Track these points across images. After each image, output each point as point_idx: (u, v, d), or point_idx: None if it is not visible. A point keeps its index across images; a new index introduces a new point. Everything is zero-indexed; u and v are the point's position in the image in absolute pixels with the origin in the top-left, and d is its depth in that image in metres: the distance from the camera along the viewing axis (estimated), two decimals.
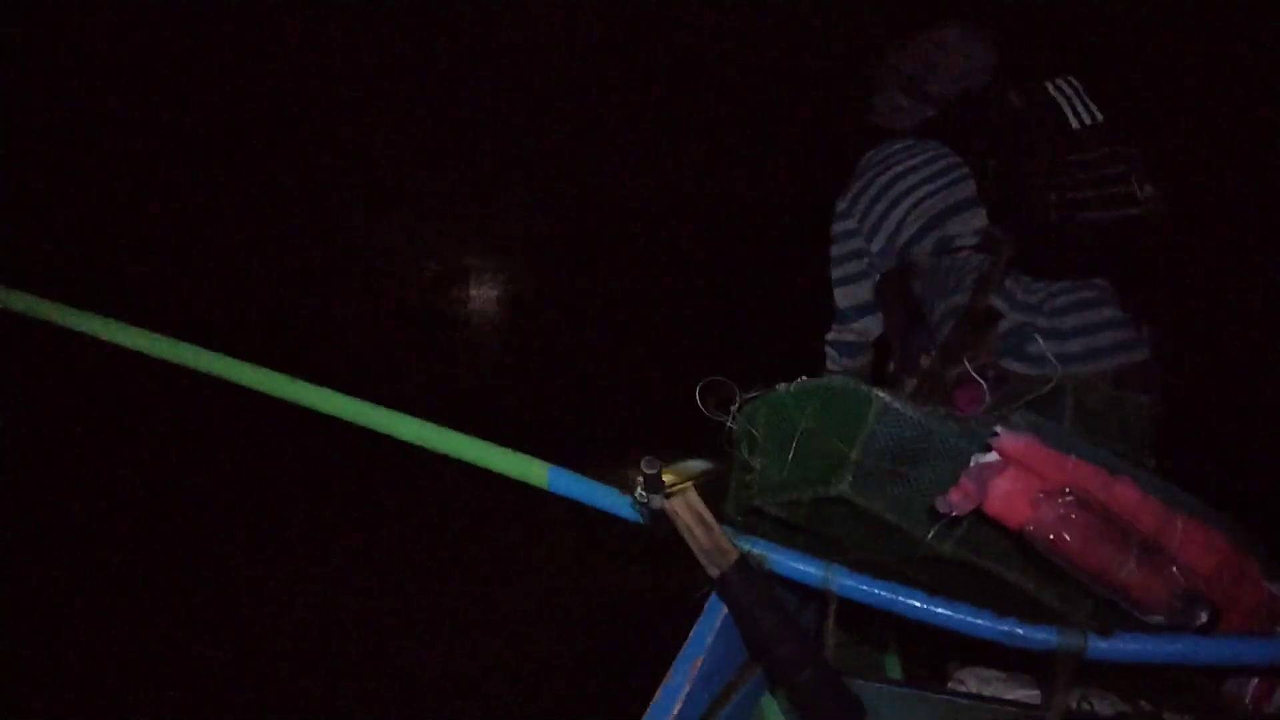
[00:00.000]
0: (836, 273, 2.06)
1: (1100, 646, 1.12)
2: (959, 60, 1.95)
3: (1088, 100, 1.72)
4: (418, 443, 1.39)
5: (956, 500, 1.03)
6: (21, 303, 1.57)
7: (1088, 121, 1.69)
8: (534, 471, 1.34)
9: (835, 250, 2.05)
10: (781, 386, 1.24)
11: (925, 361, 1.68)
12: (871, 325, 2.11)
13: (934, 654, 1.66)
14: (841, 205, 2.02)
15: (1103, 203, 1.62)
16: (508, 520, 3.55)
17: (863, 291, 2.05)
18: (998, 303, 1.69)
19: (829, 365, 2.19)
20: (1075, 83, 1.75)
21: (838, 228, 2.03)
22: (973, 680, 1.38)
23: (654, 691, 1.12)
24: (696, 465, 1.36)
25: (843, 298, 2.07)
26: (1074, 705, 1.25)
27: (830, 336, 2.16)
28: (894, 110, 2.04)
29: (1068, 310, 1.71)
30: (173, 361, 1.48)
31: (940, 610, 1.16)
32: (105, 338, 1.51)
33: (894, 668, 1.72)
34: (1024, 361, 1.67)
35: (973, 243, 1.77)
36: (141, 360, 1.48)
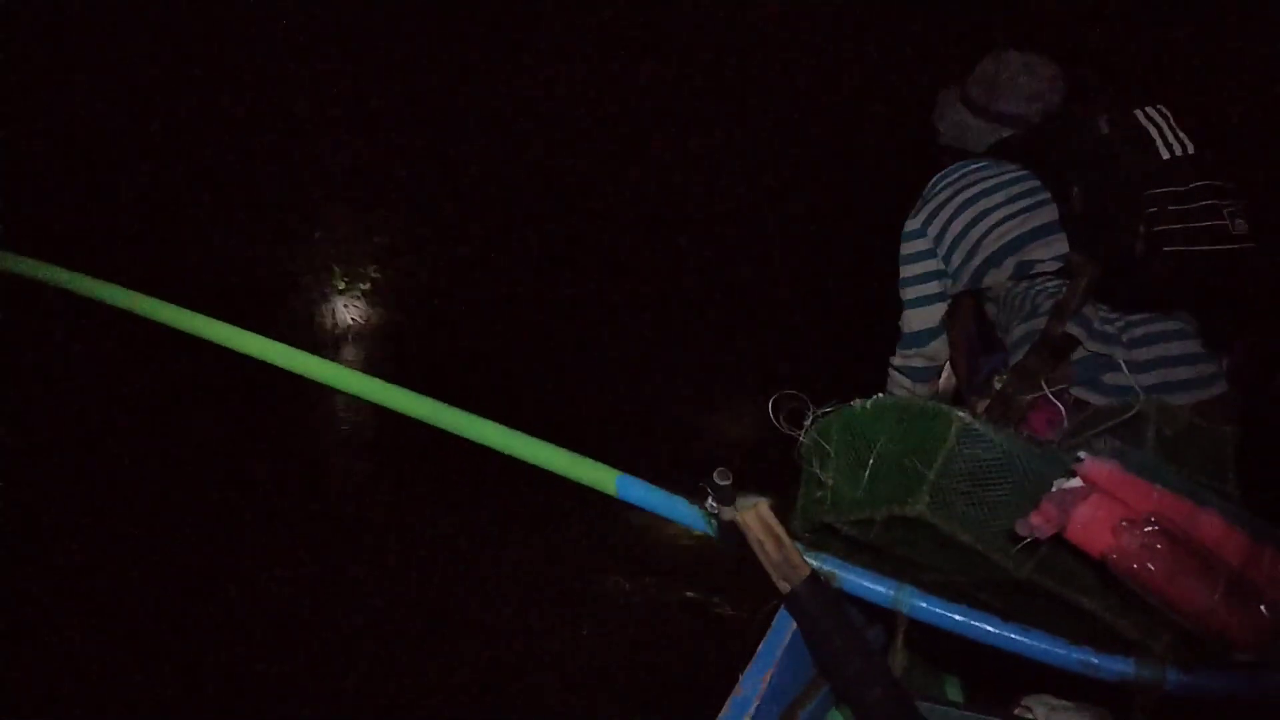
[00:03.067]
0: (910, 293, 1.99)
1: (1180, 680, 1.09)
2: (1024, 79, 1.92)
3: (1178, 130, 1.66)
4: (487, 444, 1.40)
5: (1037, 524, 1.02)
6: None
7: (1179, 153, 1.63)
8: (602, 478, 1.35)
9: (909, 270, 1.98)
10: (857, 403, 1.23)
11: (998, 384, 1.64)
12: (942, 350, 2.05)
13: (995, 679, 1.63)
14: (913, 224, 1.95)
15: (1191, 237, 1.57)
16: (573, 526, 3.55)
17: (936, 314, 1.99)
18: (1075, 330, 1.65)
19: (894, 390, 2.14)
20: (1165, 111, 1.69)
21: (911, 248, 1.96)
22: (1041, 709, 1.35)
23: (720, 705, 1.11)
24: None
25: (917, 320, 2.00)
26: None
27: (897, 362, 2.09)
28: (963, 130, 2.01)
29: (1146, 342, 1.67)
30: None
31: (1014, 636, 1.15)
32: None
33: (955, 691, 1.70)
34: (1098, 392, 1.64)
35: (1053, 269, 1.72)
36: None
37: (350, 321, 4.45)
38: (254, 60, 4.57)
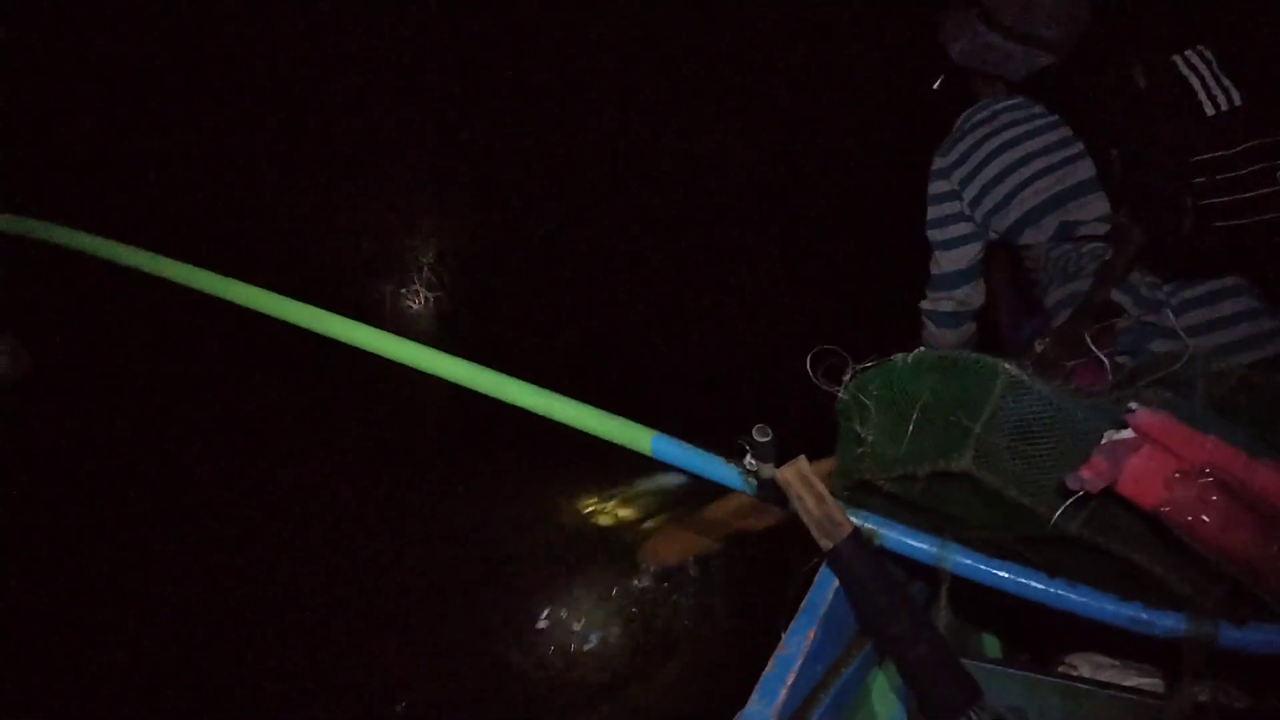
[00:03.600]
0: (937, 234, 1.93)
1: (1233, 636, 1.07)
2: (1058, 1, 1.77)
3: (1222, 78, 1.53)
4: (522, 405, 1.39)
5: (1088, 478, 0.99)
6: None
7: (1224, 107, 1.51)
8: (637, 437, 1.33)
9: (935, 211, 1.92)
10: (898, 357, 1.20)
11: (1040, 346, 1.59)
12: (973, 294, 1.99)
13: (1034, 638, 1.62)
14: (941, 163, 1.88)
15: (1241, 209, 1.48)
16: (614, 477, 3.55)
17: (965, 256, 1.93)
18: (1121, 298, 1.60)
19: (925, 338, 2.10)
20: (1208, 55, 1.56)
21: (938, 188, 1.90)
22: (1086, 666, 1.34)
23: (764, 663, 1.10)
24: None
25: (946, 261, 1.94)
26: (1202, 698, 1.20)
27: (926, 306, 2.04)
28: (992, 54, 1.85)
29: (1197, 304, 1.61)
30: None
31: (1062, 592, 1.13)
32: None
33: (993, 648, 1.69)
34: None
35: (1100, 232, 1.66)
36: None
37: (386, 287, 4.45)
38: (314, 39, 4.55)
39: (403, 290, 4.49)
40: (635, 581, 3.21)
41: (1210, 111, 1.51)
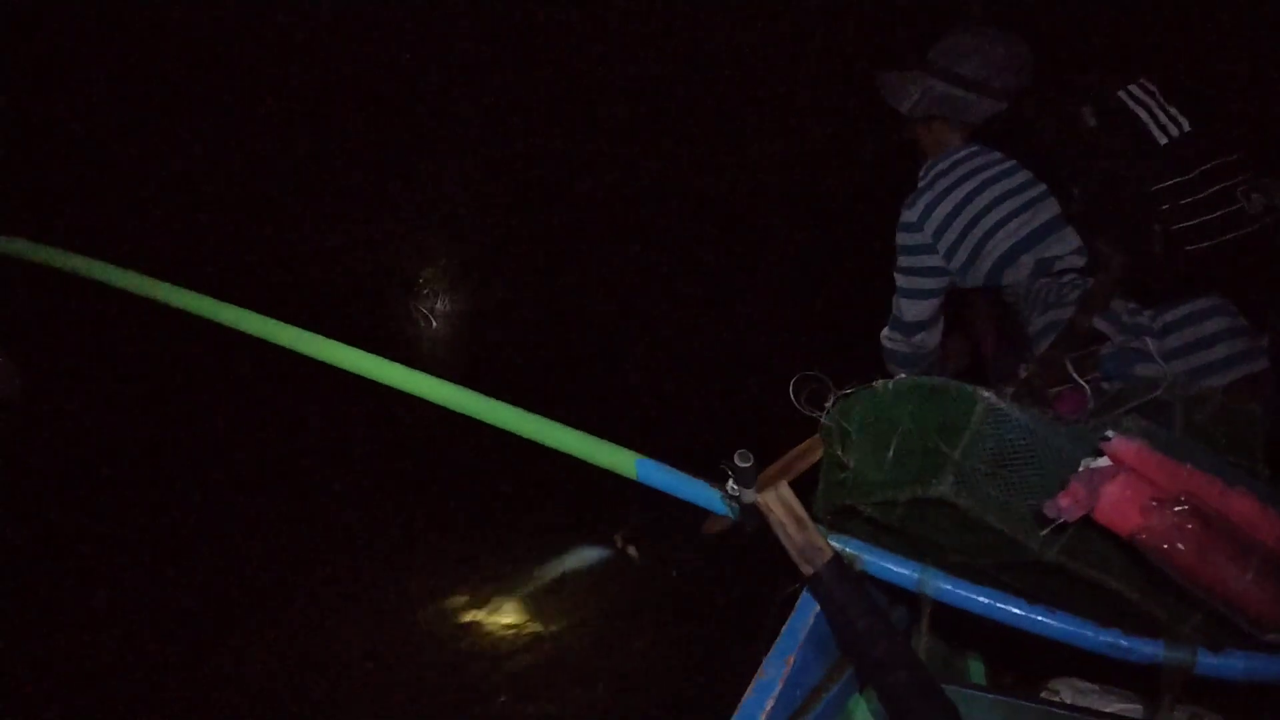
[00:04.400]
0: (905, 283, 1.97)
1: (1210, 662, 1.08)
2: (1001, 49, 1.84)
3: (1168, 107, 1.59)
4: (507, 428, 1.39)
5: (1065, 505, 1.00)
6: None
7: (1175, 134, 1.56)
8: (621, 461, 1.34)
9: (906, 261, 1.95)
10: (879, 383, 1.22)
11: (1023, 373, 1.61)
12: (929, 340, 2.05)
13: (1019, 660, 1.62)
14: (910, 216, 1.90)
15: (1209, 231, 1.52)
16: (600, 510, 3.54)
17: (928, 309, 1.97)
18: (1103, 324, 1.61)
19: (886, 359, 2.14)
20: (1150, 87, 1.62)
21: (909, 239, 1.92)
22: (1068, 691, 1.34)
23: (743, 689, 1.11)
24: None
25: (909, 310, 1.99)
26: None
27: (887, 343, 2.10)
28: (951, 103, 1.90)
29: (1178, 326, 1.62)
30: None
31: (1040, 618, 1.13)
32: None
33: (978, 673, 1.69)
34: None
35: (1079, 264, 1.68)
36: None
37: (368, 308, 4.46)
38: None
39: (381, 310, 4.50)
40: (612, 609, 3.20)
41: (1163, 141, 1.56)
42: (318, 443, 3.97)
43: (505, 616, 3.25)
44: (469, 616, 3.26)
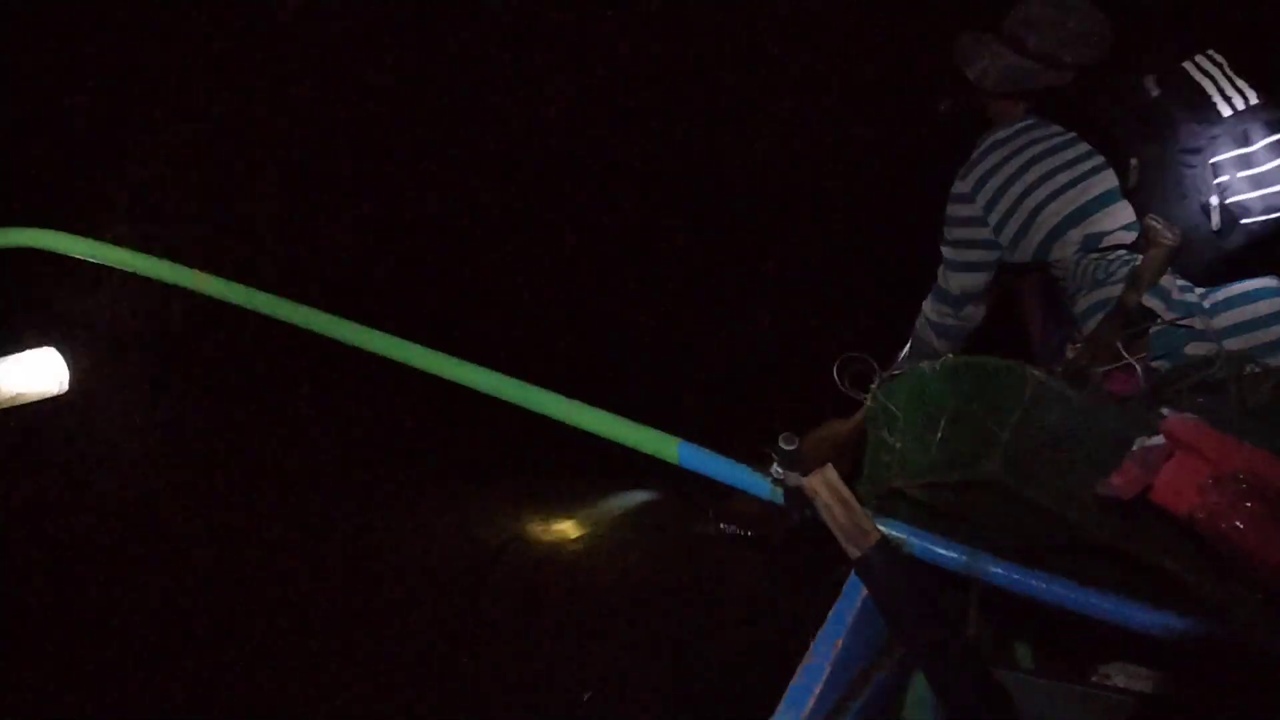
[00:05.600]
0: (954, 256, 1.95)
1: (1269, 644, 1.05)
2: (1074, 22, 1.80)
3: (1235, 79, 1.54)
4: (551, 415, 1.40)
5: (1120, 485, 0.99)
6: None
7: (1240, 106, 1.51)
8: (664, 446, 1.34)
9: (955, 233, 1.93)
10: (926, 364, 1.20)
11: (1071, 353, 1.58)
12: (976, 313, 2.03)
13: (1068, 645, 1.60)
14: (962, 187, 1.88)
15: (1269, 204, 1.48)
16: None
17: (977, 282, 1.95)
18: (1153, 302, 1.58)
19: (918, 332, 2.12)
20: (1218, 58, 1.57)
21: (959, 211, 1.90)
22: (1120, 676, 1.32)
23: (792, 671, 1.10)
24: None
25: (957, 283, 1.97)
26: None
27: (932, 317, 2.08)
28: (1017, 75, 1.87)
29: (1229, 305, 1.58)
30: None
31: (1093, 600, 1.11)
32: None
33: (1026, 657, 1.67)
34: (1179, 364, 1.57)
35: (1128, 240, 1.64)
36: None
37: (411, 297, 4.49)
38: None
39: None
40: (657, 592, 3.20)
41: (1227, 112, 1.51)
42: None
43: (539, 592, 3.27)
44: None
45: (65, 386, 1.68)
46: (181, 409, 3.90)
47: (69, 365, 1.70)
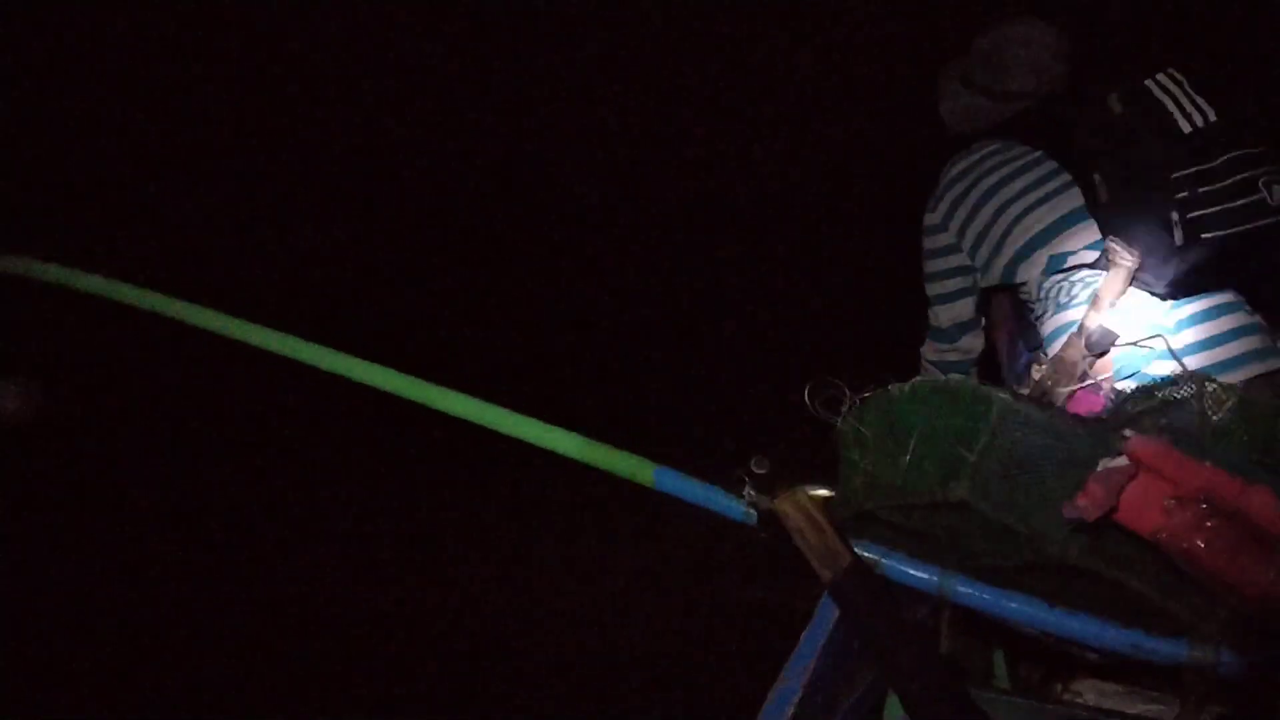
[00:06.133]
0: (935, 289, 1.97)
1: (1234, 662, 1.07)
2: (1023, 53, 1.85)
3: (1195, 96, 1.56)
4: (522, 438, 1.40)
5: (1084, 506, 1.00)
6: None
7: (1199, 123, 1.53)
8: (639, 470, 1.34)
9: (932, 266, 1.95)
10: (894, 387, 1.21)
11: (1036, 374, 1.60)
12: (975, 343, 2.04)
13: (1042, 657, 1.61)
14: (932, 219, 1.91)
15: (1229, 220, 1.50)
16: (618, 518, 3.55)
17: (966, 309, 1.97)
18: (1114, 323, 1.60)
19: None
20: (1179, 76, 1.59)
21: (933, 242, 1.92)
22: (1091, 693, 1.34)
23: (763, 696, 1.11)
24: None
25: (945, 316, 1.98)
26: None
27: (932, 357, 2.09)
28: (975, 114, 1.94)
29: (1192, 321, 1.61)
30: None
31: (1062, 620, 1.12)
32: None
33: (1001, 675, 1.68)
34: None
35: (1089, 259, 1.67)
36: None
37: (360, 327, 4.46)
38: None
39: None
40: (631, 613, 3.20)
41: (1187, 129, 1.53)
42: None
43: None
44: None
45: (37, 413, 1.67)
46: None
47: (42, 392, 1.69)
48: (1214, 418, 1.24)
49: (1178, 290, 1.62)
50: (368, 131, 4.76)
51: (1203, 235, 1.51)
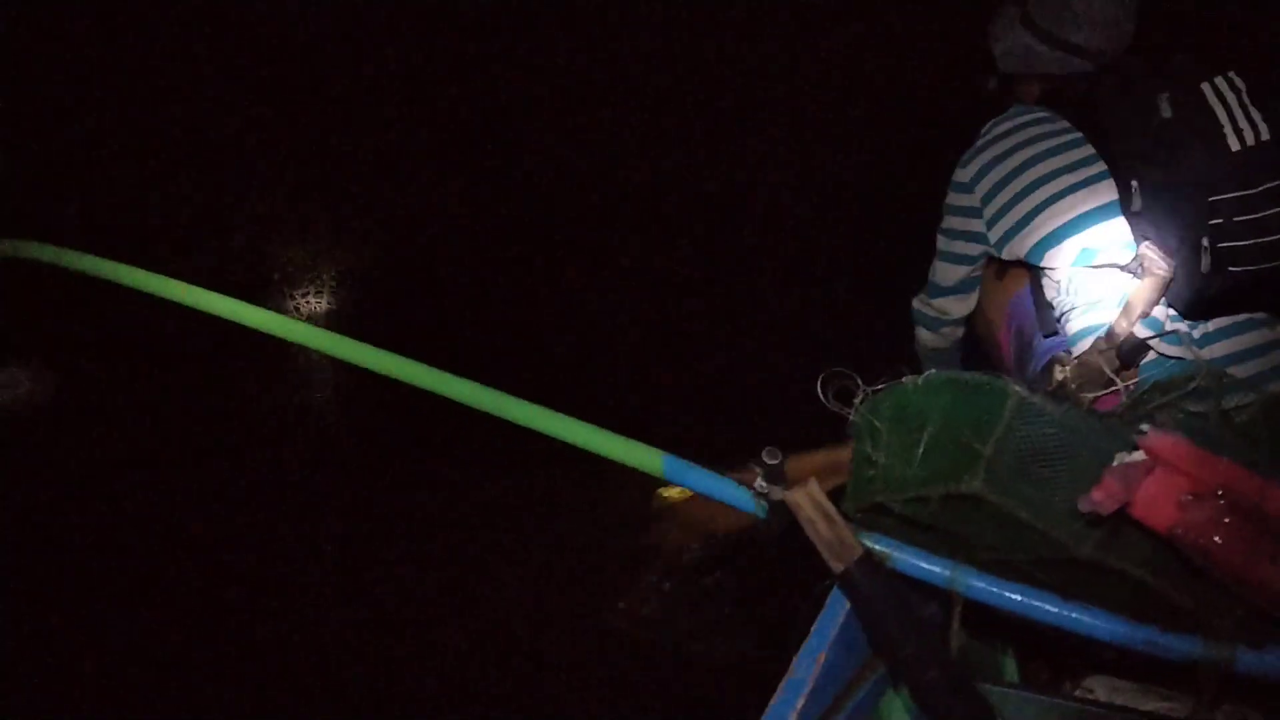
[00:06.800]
0: (945, 245, 1.94)
1: (1250, 659, 1.06)
2: (1098, 4, 1.73)
3: (1251, 109, 1.46)
4: (533, 427, 1.39)
5: (1100, 500, 0.99)
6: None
7: (1250, 142, 1.43)
8: (648, 459, 1.34)
9: (949, 222, 1.91)
10: (908, 379, 1.20)
11: (1060, 374, 1.55)
12: (953, 306, 2.03)
13: (1053, 654, 1.60)
14: (962, 175, 1.85)
15: (1261, 254, 1.43)
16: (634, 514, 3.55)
17: (958, 274, 1.95)
18: (1143, 331, 1.57)
19: (915, 332, 2.17)
20: (1239, 83, 1.49)
21: (957, 200, 1.87)
22: (1102, 689, 1.33)
23: (774, 687, 1.10)
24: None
25: (939, 273, 1.97)
26: None
27: (916, 305, 2.11)
28: (1029, 57, 1.82)
29: (1219, 336, 1.59)
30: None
31: (1075, 615, 1.11)
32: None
33: (1011, 670, 1.67)
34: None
35: (1122, 260, 1.62)
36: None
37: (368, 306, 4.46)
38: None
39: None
40: (638, 604, 3.20)
41: (1235, 147, 1.45)
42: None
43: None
44: None
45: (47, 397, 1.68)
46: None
47: (54, 377, 1.69)
48: (1237, 420, 1.23)
49: (1193, 313, 1.58)
50: (371, 132, 4.76)
51: (1230, 269, 1.46)
